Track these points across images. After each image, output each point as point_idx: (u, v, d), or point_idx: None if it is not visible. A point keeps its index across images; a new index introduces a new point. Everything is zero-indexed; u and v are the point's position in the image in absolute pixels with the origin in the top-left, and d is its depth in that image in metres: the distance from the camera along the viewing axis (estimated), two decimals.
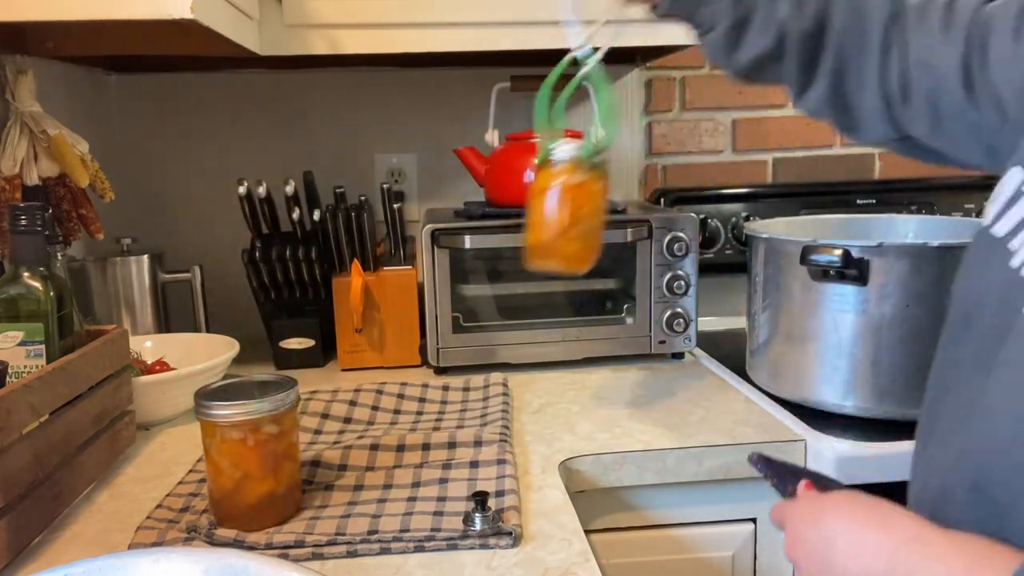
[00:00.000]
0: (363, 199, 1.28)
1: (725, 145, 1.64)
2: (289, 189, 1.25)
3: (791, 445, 0.98)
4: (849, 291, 1.00)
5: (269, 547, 0.73)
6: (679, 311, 1.26)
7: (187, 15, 0.81)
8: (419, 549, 0.73)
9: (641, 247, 1.25)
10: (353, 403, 1.08)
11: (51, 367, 0.80)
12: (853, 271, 0.98)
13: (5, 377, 0.78)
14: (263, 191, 1.26)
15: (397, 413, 1.09)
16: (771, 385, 1.13)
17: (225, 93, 1.51)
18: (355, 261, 1.26)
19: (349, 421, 1.05)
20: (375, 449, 0.93)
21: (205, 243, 1.50)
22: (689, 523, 1.01)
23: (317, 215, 1.28)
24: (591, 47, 0.88)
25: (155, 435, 1.04)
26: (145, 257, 1.32)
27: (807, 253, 1.00)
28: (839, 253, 0.98)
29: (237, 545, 0.73)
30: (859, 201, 1.55)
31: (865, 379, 1.01)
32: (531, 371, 1.26)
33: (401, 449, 0.94)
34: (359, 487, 0.85)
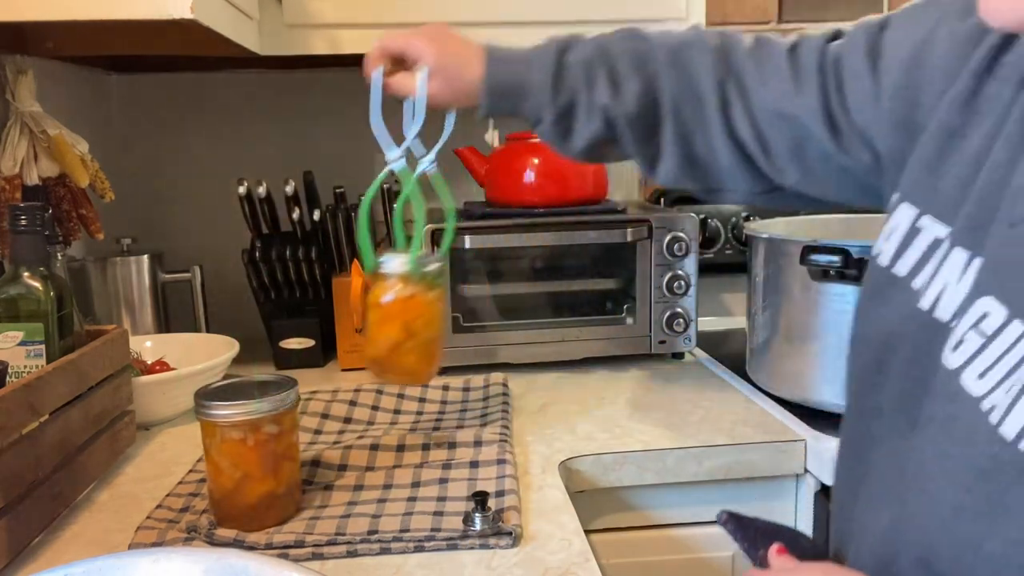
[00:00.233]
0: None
1: None
2: (289, 189, 1.25)
3: (791, 445, 0.98)
4: (849, 291, 1.00)
5: (269, 547, 0.73)
6: (679, 311, 1.26)
7: (187, 15, 0.81)
8: (419, 549, 0.73)
9: (641, 247, 1.24)
10: (353, 403, 1.08)
11: (51, 367, 0.79)
12: (853, 271, 0.98)
13: (5, 377, 0.78)
14: (263, 191, 1.26)
15: (397, 413, 1.09)
16: (771, 385, 1.13)
17: (225, 93, 1.51)
18: (355, 261, 1.26)
19: (349, 421, 1.05)
20: (375, 449, 0.93)
21: (205, 243, 1.50)
22: (689, 523, 1.01)
23: (317, 215, 1.28)
24: (402, 157, 0.89)
25: (155, 435, 1.04)
26: (145, 257, 1.32)
27: (807, 253, 1.00)
28: (839, 253, 0.98)
29: (237, 545, 0.73)
30: None
31: None
32: (531, 371, 1.26)
33: (401, 449, 0.94)
34: (359, 487, 0.85)
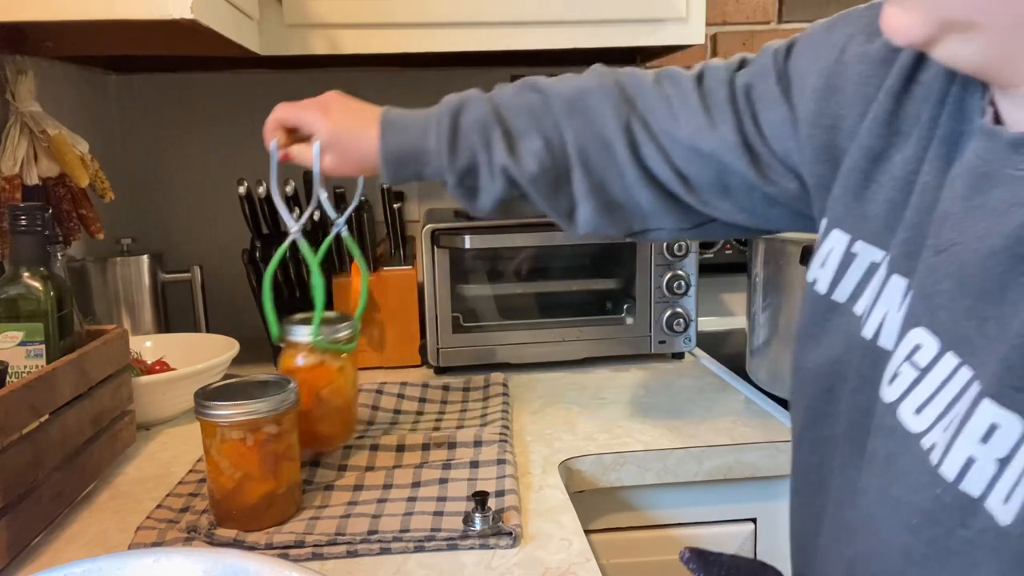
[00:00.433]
0: (363, 199, 1.28)
1: None
2: (289, 189, 1.25)
3: (791, 445, 0.98)
4: None
5: (269, 547, 0.73)
6: (679, 311, 1.26)
7: (187, 15, 0.81)
8: (419, 549, 0.73)
9: (641, 247, 1.24)
10: None
11: (51, 367, 0.79)
12: None
13: (5, 377, 0.78)
14: (263, 191, 1.26)
15: (397, 413, 1.09)
16: (771, 385, 1.13)
17: (225, 93, 1.51)
18: (355, 262, 1.26)
19: None
20: (375, 449, 0.93)
21: (205, 243, 1.50)
22: (689, 523, 1.01)
23: (317, 215, 1.28)
24: (300, 231, 0.89)
25: (155, 435, 1.04)
26: (145, 257, 1.32)
27: (807, 253, 1.00)
28: None
29: (237, 545, 0.73)
30: None
31: None
32: (531, 371, 1.26)
33: (401, 449, 0.94)
34: (359, 487, 0.85)
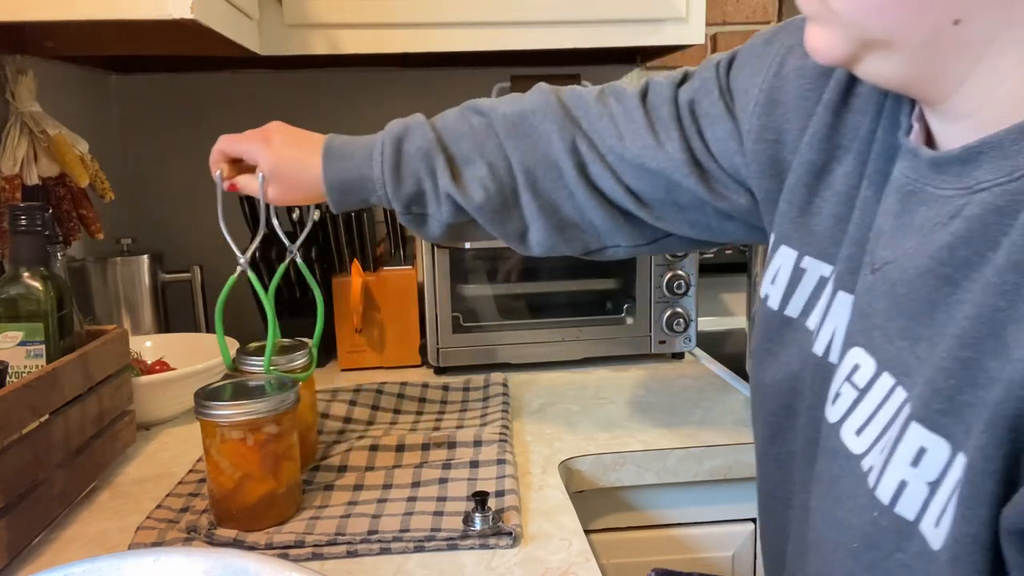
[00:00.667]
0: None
1: None
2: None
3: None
4: None
5: (269, 547, 0.73)
6: (679, 311, 1.26)
7: (187, 15, 0.81)
8: (419, 549, 0.73)
9: None
10: (353, 403, 1.08)
11: (51, 367, 0.79)
12: None
13: (5, 377, 0.78)
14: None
15: (397, 413, 1.09)
16: None
17: (225, 93, 1.51)
18: (355, 261, 1.26)
19: (349, 421, 1.05)
20: (375, 449, 0.93)
21: (205, 243, 1.49)
22: (689, 523, 1.01)
23: (317, 215, 1.28)
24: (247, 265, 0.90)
25: (155, 435, 1.04)
26: (145, 257, 1.32)
27: None
28: None
29: (237, 545, 0.73)
30: None
31: None
32: (531, 371, 1.26)
33: (401, 449, 0.94)
34: (359, 487, 0.85)
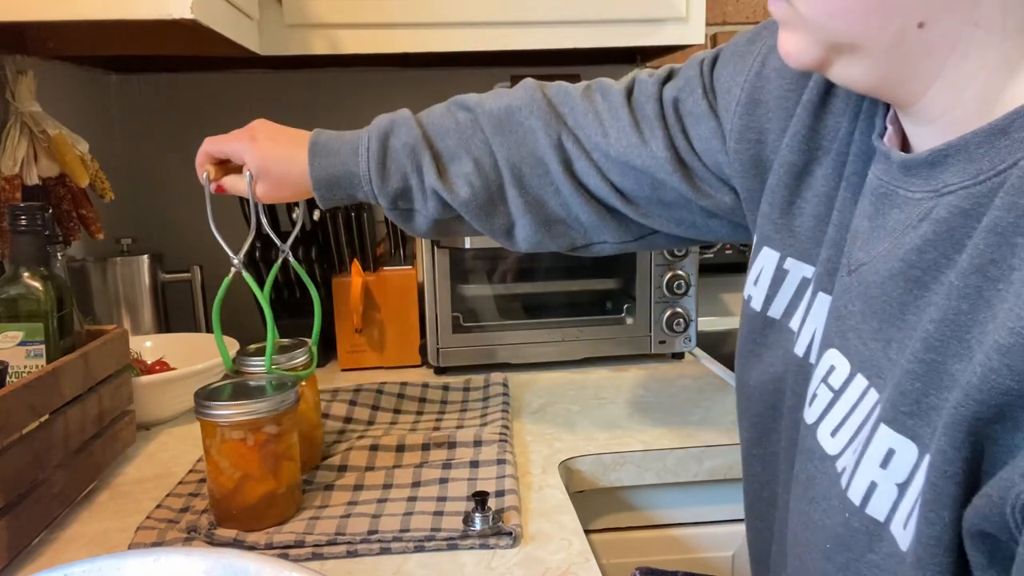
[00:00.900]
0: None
1: None
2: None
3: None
4: None
5: (269, 547, 0.73)
6: (679, 311, 1.26)
7: (187, 15, 0.81)
8: (419, 549, 0.73)
9: None
10: (353, 403, 1.08)
11: (51, 367, 0.79)
12: None
13: (5, 377, 0.78)
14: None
15: (397, 413, 1.09)
16: None
17: (225, 93, 1.51)
18: (355, 261, 1.26)
19: (349, 421, 1.05)
20: (375, 449, 0.93)
21: (205, 243, 1.49)
22: (689, 523, 1.01)
23: (317, 215, 1.28)
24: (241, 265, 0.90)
25: (155, 435, 1.04)
26: (145, 257, 1.32)
27: None
28: None
29: (237, 545, 0.73)
30: None
31: None
32: (531, 371, 1.26)
33: (401, 449, 0.94)
34: (359, 487, 0.85)
